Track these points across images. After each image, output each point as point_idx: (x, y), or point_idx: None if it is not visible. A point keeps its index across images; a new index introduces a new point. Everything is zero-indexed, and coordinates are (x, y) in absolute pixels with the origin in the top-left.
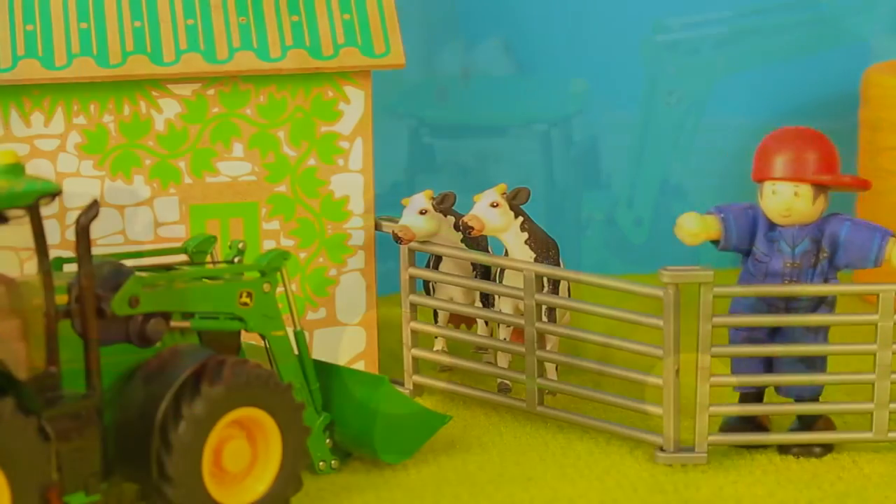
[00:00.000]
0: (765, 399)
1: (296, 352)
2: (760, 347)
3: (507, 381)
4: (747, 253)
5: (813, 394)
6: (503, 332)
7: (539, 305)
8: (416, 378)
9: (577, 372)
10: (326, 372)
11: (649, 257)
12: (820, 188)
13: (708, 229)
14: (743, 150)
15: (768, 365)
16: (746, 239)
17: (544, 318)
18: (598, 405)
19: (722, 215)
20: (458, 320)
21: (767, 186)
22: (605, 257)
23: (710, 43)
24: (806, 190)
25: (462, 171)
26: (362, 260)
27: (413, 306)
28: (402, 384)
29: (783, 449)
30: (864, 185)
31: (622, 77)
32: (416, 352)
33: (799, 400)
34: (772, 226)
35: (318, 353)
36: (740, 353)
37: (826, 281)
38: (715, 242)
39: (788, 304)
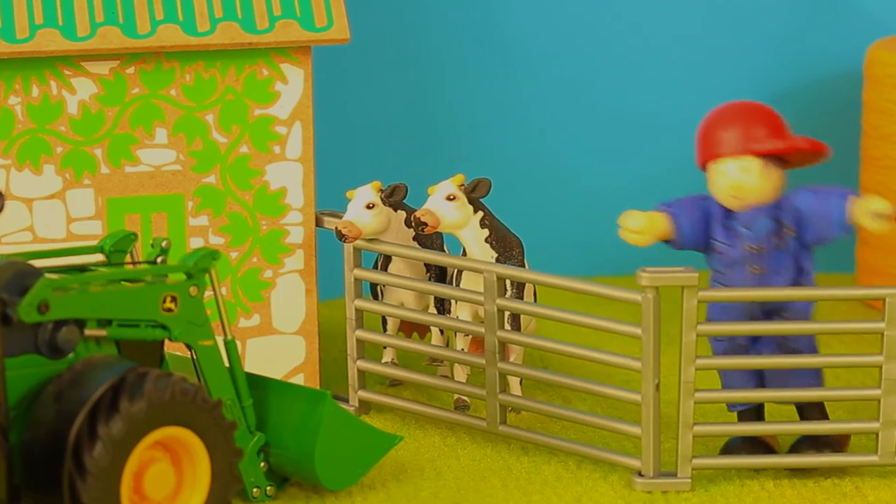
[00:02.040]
0: (765, 413)
1: (226, 364)
2: (751, 359)
3: (465, 398)
4: (705, 249)
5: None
6: (461, 342)
7: (501, 311)
8: (363, 393)
9: (544, 387)
10: (261, 386)
11: (627, 257)
12: (770, 160)
13: (654, 227)
14: None
15: (759, 376)
16: (702, 233)
17: (507, 326)
18: (568, 424)
19: (670, 210)
20: (409, 328)
21: (713, 169)
22: (576, 257)
23: (696, 19)
24: (752, 164)
25: (415, 160)
26: (301, 260)
27: (359, 312)
28: (346, 400)
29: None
30: (819, 149)
31: (593, 54)
32: (363, 364)
33: (801, 411)
34: (727, 213)
35: (252, 365)
36: (728, 365)
37: (797, 263)
38: (667, 242)
39: (764, 303)
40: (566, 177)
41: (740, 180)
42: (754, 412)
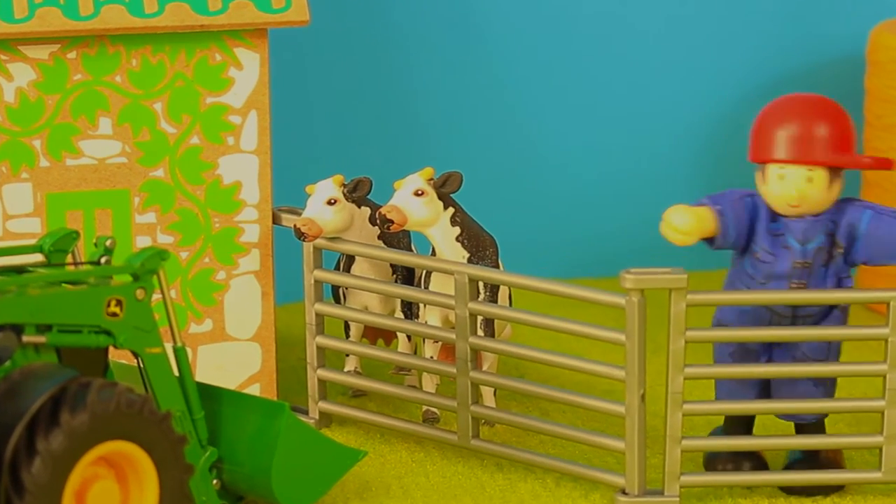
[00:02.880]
0: (760, 425)
1: (176, 373)
2: (746, 368)
3: (435, 410)
4: (742, 250)
5: (818, 415)
6: (430, 349)
7: (473, 316)
8: (323, 405)
9: (520, 398)
10: (213, 397)
11: (610, 257)
12: (836, 170)
13: (702, 225)
14: (728, 126)
15: (763, 386)
16: (745, 234)
17: (480, 332)
18: (546, 438)
19: (718, 207)
20: (374, 334)
21: (772, 170)
22: (555, 257)
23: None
24: (821, 174)
25: (380, 152)
26: (257, 260)
27: (319, 317)
28: (305, 412)
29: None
30: (888, 166)
31: (573, 36)
32: (324, 373)
33: (800, 425)
34: (774, 217)
35: (203, 374)
36: (720, 374)
37: (839, 281)
38: (708, 241)
39: (796, 312)
40: (544, 170)
41: (806, 190)
42: (743, 423)
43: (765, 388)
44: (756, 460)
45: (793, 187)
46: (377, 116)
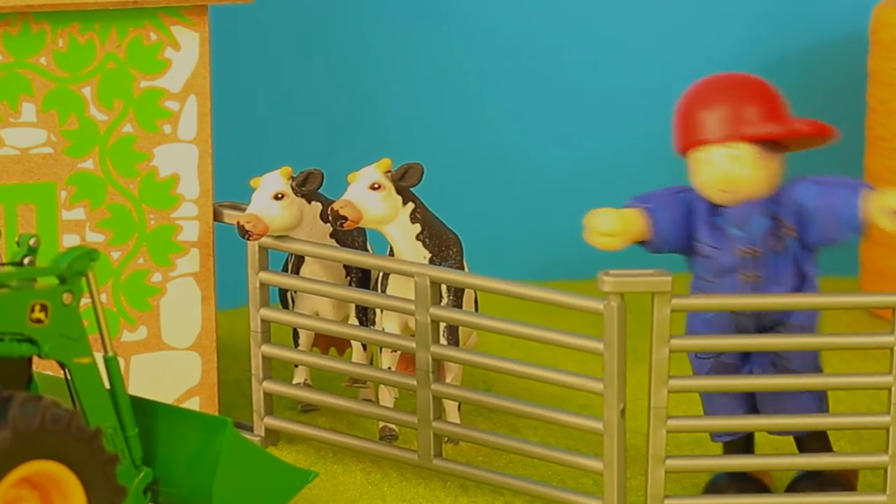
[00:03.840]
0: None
1: (107, 385)
2: (734, 379)
3: (393, 426)
4: (688, 251)
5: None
6: (387, 360)
7: (436, 323)
8: (270, 421)
9: (486, 413)
10: (148, 412)
11: (587, 258)
12: (767, 146)
13: (628, 227)
14: None
15: (750, 399)
16: (683, 233)
17: (443, 340)
18: (516, 458)
19: (647, 206)
20: (326, 343)
21: (696, 157)
22: (526, 257)
23: None
24: (745, 151)
25: (332, 142)
26: (197, 261)
27: (265, 324)
28: (250, 429)
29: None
30: (824, 132)
31: (543, 14)
32: (270, 385)
33: (800, 438)
34: (714, 209)
35: (137, 387)
36: (708, 387)
37: (799, 268)
38: (644, 244)
39: (759, 317)
40: (513, 160)
41: (731, 171)
42: (743, 443)
43: (752, 404)
44: (759, 486)
45: (719, 169)
46: (329, 102)
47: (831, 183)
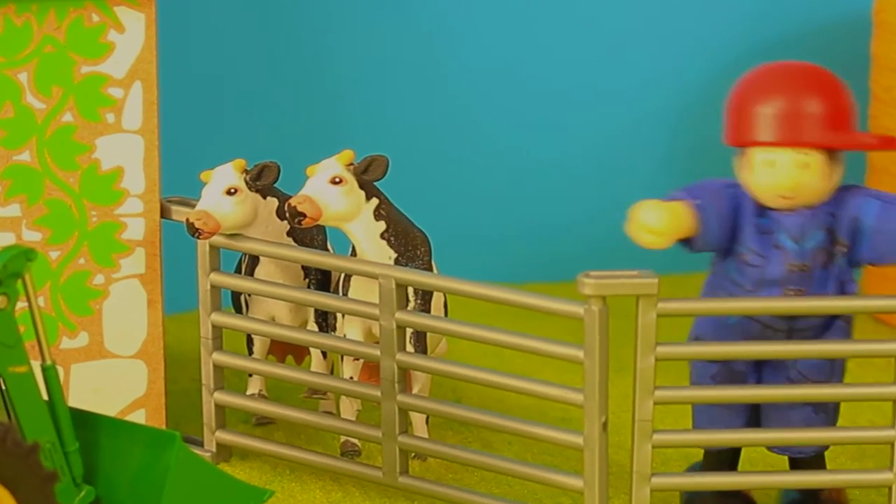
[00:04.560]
0: (746, 460)
1: (45, 396)
2: (729, 391)
3: (355, 441)
4: (725, 252)
5: (818, 447)
6: (349, 369)
7: (402, 328)
8: (222, 435)
9: (457, 426)
10: (90, 426)
11: (567, 257)
12: (835, 154)
13: (679, 223)
14: (706, 102)
15: (751, 414)
16: (728, 233)
17: (410, 347)
18: (489, 475)
19: (697, 201)
20: (282, 350)
21: (758, 156)
22: (500, 258)
23: None
24: (817, 159)
25: (289, 132)
26: (142, 262)
27: (217, 330)
28: (200, 444)
29: None
30: (890, 146)
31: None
32: (222, 396)
33: (795, 460)
34: (762, 210)
35: (78, 398)
36: (698, 397)
37: (842, 286)
38: (686, 242)
39: (792, 325)
40: (488, 153)
41: (798, 178)
42: (729, 455)
43: (753, 417)
44: (743, 501)
45: (785, 175)
46: (286, 89)
47: (892, 200)
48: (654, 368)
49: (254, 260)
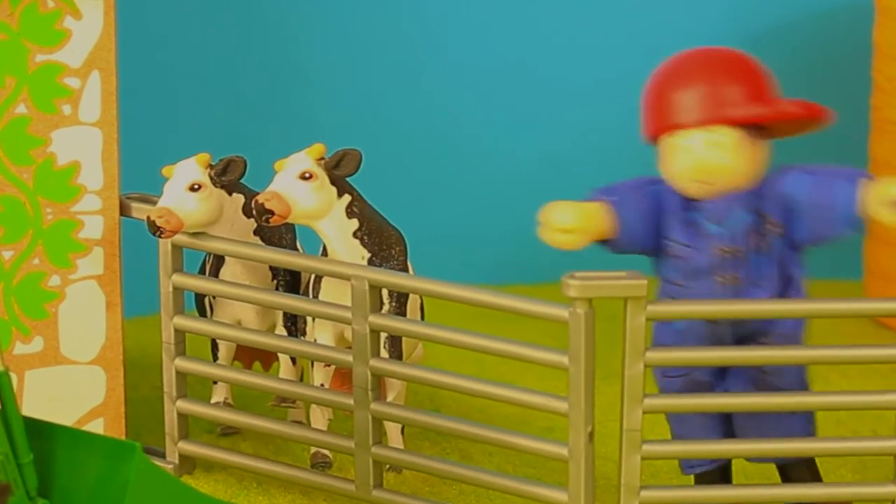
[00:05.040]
0: (739, 472)
1: None
2: (719, 398)
3: (326, 452)
4: (656, 251)
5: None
6: (320, 375)
7: (376, 333)
8: (185, 446)
9: (434, 436)
10: (45, 436)
11: (549, 259)
12: (751, 131)
13: (589, 224)
14: None
15: (726, 422)
16: (652, 230)
17: (384, 353)
18: (468, 488)
19: (610, 199)
20: (249, 356)
21: (669, 143)
22: (480, 258)
23: None
24: (726, 136)
25: (257, 125)
26: (101, 262)
27: (180, 334)
28: (162, 455)
29: None
30: (816, 114)
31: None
32: (185, 405)
33: (783, 467)
34: (688, 203)
35: (32, 406)
36: (687, 406)
37: (783, 270)
38: (608, 242)
39: (737, 326)
40: (466, 150)
41: (709, 159)
42: (719, 473)
43: (728, 429)
44: None
45: (696, 157)
46: (254, 79)
47: (824, 172)
48: (643, 375)
49: (219, 260)
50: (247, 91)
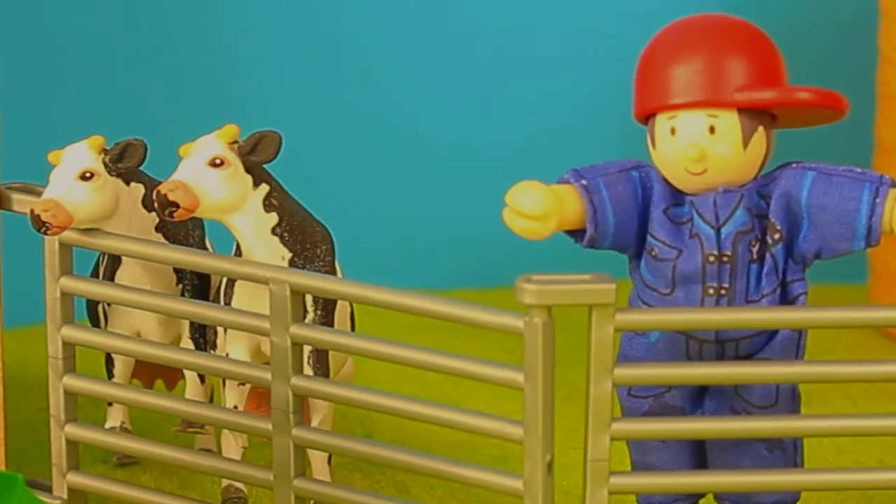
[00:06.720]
0: None
1: None
2: (694, 422)
3: (241, 485)
4: (634, 250)
5: (784, 499)
6: (233, 395)
7: (298, 346)
8: (75, 478)
9: (366, 467)
10: None
11: (504, 259)
12: (756, 117)
13: (560, 209)
14: None
15: (698, 451)
16: (631, 223)
17: (308, 370)
18: None
19: (585, 182)
20: (150, 373)
21: (661, 125)
22: (421, 260)
23: None
24: (730, 120)
25: (158, 104)
26: None
27: (69, 348)
28: (48, 489)
29: None
30: (836, 104)
31: None
32: (75, 430)
33: None
34: (676, 196)
35: None
36: (662, 431)
37: (784, 286)
38: (576, 234)
39: (720, 336)
40: (407, 134)
41: (706, 146)
42: None
43: (700, 462)
44: None
45: (690, 144)
46: (155, 51)
47: (837, 173)
48: (610, 396)
49: (115, 261)
50: (147, 65)
